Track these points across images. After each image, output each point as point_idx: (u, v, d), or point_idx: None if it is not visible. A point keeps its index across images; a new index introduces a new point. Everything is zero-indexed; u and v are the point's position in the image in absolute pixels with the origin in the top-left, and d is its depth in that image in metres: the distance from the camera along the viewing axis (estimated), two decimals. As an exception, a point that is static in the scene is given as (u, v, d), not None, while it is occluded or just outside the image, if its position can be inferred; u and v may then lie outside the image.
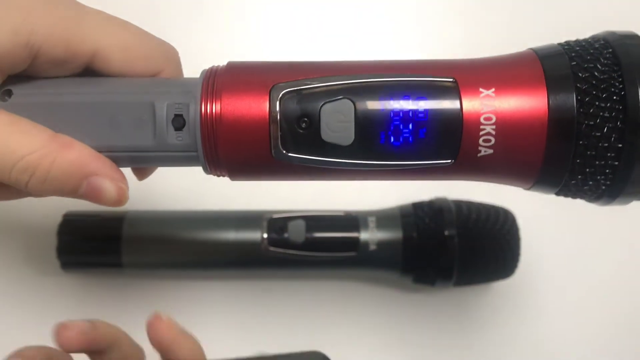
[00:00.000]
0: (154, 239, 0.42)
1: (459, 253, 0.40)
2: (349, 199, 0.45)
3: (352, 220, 0.42)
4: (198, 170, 0.27)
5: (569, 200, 0.27)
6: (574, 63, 0.24)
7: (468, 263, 0.41)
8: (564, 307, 0.46)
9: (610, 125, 0.23)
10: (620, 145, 0.23)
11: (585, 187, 0.25)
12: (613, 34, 0.25)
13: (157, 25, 0.28)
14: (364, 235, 0.41)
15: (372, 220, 0.42)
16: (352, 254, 0.41)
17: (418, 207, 0.42)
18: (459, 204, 0.42)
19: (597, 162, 0.24)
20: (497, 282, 0.44)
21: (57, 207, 0.43)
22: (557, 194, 0.26)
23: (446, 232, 0.40)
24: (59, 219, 0.43)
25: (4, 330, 0.44)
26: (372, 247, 0.41)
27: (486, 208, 0.42)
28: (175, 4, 0.50)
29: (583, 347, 0.47)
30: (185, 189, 0.46)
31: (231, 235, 0.41)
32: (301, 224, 0.41)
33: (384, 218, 0.42)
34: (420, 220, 0.41)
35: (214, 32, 0.50)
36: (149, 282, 0.45)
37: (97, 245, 0.43)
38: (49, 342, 0.28)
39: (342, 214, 0.42)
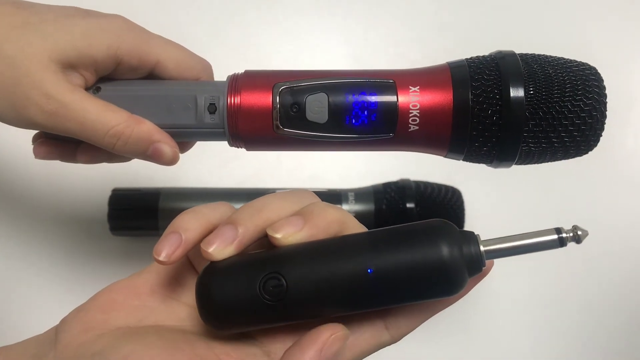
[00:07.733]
0: (182, 209, 0.52)
1: (417, 219, 0.52)
2: (334, 182, 0.57)
3: (336, 195, 0.53)
4: (216, 159, 0.38)
5: (504, 181, 0.37)
6: (471, 70, 0.34)
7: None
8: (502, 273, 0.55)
9: (492, 109, 0.33)
10: (500, 121, 0.33)
11: (482, 153, 0.34)
12: (500, 52, 0.34)
13: (195, 47, 0.40)
14: (344, 207, 0.52)
15: (351, 195, 0.53)
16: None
17: (387, 185, 0.53)
18: (418, 183, 0.53)
19: (485, 133, 0.33)
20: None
21: (106, 184, 0.54)
22: (465, 159, 0.36)
23: (407, 204, 0.52)
24: (108, 193, 0.53)
25: (65, 281, 0.55)
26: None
27: (438, 186, 0.53)
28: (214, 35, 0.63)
29: (521, 315, 0.56)
30: (205, 173, 0.58)
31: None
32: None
33: (360, 194, 0.53)
34: (388, 194, 0.53)
35: (234, 51, 0.64)
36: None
37: (139, 213, 0.53)
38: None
39: (326, 190, 0.54)
